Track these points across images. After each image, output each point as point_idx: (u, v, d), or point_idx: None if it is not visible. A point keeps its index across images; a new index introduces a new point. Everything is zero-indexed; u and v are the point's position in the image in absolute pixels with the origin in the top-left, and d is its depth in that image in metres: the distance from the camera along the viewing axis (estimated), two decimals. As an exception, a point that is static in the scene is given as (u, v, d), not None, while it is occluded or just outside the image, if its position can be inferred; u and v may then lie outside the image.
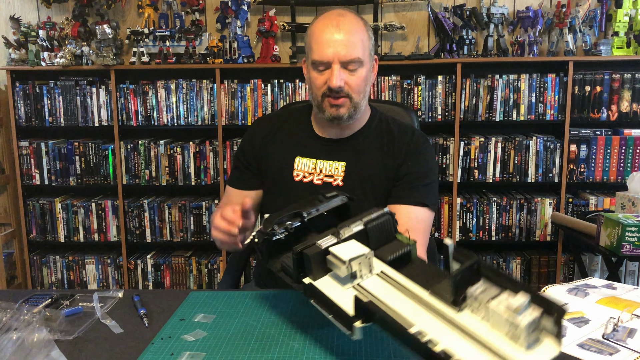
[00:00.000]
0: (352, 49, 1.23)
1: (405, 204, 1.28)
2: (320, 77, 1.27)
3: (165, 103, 2.73)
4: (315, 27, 1.29)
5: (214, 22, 2.79)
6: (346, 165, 1.33)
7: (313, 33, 1.28)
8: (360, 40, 1.25)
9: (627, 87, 2.59)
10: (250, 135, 1.45)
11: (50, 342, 0.93)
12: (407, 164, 1.32)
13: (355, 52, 1.24)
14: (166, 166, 2.76)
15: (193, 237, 2.81)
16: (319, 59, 1.25)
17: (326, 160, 1.35)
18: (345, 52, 1.23)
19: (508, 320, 0.67)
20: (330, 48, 1.23)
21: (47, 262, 2.89)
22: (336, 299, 0.84)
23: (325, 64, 1.25)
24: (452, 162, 2.66)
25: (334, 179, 1.33)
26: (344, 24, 1.24)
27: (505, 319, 0.67)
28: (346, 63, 1.24)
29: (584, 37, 2.63)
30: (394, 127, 1.39)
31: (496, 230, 2.71)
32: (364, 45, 1.26)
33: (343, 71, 1.24)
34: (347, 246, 0.89)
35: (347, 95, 1.27)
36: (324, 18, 1.28)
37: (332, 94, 1.26)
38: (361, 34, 1.27)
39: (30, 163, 2.80)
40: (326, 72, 1.25)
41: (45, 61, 2.70)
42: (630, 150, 2.62)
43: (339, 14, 1.27)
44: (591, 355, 0.90)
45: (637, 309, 1.04)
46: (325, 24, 1.26)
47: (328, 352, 0.92)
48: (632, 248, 2.01)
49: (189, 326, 1.02)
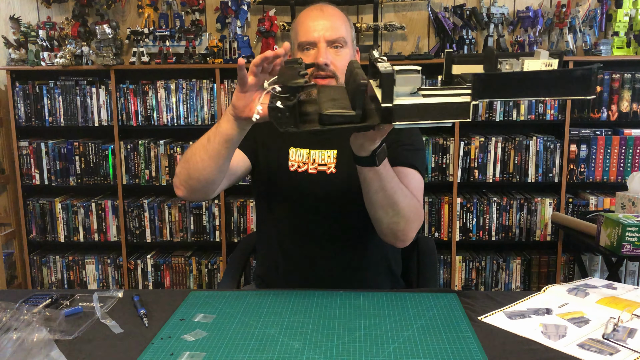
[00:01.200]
0: (337, 30, 1.32)
1: (395, 165, 1.29)
2: (306, 57, 1.32)
3: (165, 103, 2.73)
4: (299, 16, 1.38)
5: (214, 22, 2.79)
6: (337, 152, 1.36)
7: (298, 20, 1.37)
8: (343, 24, 1.35)
9: (627, 87, 2.59)
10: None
11: (50, 342, 0.93)
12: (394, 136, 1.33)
13: (339, 32, 1.32)
14: (166, 166, 2.76)
15: (193, 237, 2.81)
16: (306, 39, 1.32)
17: (318, 150, 1.37)
18: (331, 32, 1.31)
19: (543, 64, 0.92)
20: (316, 30, 1.31)
21: (47, 262, 2.89)
22: (438, 101, 0.89)
23: (312, 44, 1.31)
24: (452, 162, 2.66)
25: (327, 167, 1.35)
26: (327, 10, 1.35)
27: (541, 64, 0.92)
28: (332, 42, 1.31)
29: (584, 37, 2.63)
30: None
31: (496, 230, 2.71)
32: (347, 30, 1.35)
33: (329, 50, 1.31)
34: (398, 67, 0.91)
35: (333, 75, 1.31)
36: (308, 8, 1.37)
37: (318, 72, 1.30)
38: (343, 20, 1.36)
39: (30, 163, 2.80)
40: (312, 52, 1.32)
41: (45, 61, 2.70)
42: (630, 150, 2.62)
43: (322, 4, 1.37)
44: (591, 355, 0.90)
45: (637, 309, 1.04)
46: (310, 10, 1.36)
47: (328, 352, 0.92)
48: (632, 248, 2.01)
49: (189, 326, 1.02)
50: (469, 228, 2.71)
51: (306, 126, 0.96)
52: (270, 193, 1.40)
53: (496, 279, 2.77)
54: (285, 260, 1.40)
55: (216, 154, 1.15)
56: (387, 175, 1.13)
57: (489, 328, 1.02)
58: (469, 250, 2.84)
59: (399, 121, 0.89)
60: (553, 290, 1.17)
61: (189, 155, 1.21)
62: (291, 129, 0.96)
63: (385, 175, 1.13)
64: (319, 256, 1.36)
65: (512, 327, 1.01)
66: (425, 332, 0.99)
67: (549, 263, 2.74)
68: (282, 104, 0.94)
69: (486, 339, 0.97)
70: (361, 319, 1.05)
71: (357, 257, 1.37)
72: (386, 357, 0.90)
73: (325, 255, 1.36)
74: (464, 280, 2.77)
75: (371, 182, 1.13)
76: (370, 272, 1.40)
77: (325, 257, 1.36)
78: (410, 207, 1.19)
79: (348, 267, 1.37)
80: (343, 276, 1.37)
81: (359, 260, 1.37)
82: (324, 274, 1.35)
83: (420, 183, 1.32)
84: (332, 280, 1.31)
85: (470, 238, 2.72)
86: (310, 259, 1.36)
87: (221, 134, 1.13)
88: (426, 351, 0.92)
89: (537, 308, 1.09)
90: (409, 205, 1.18)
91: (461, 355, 0.91)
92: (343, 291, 1.19)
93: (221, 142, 1.13)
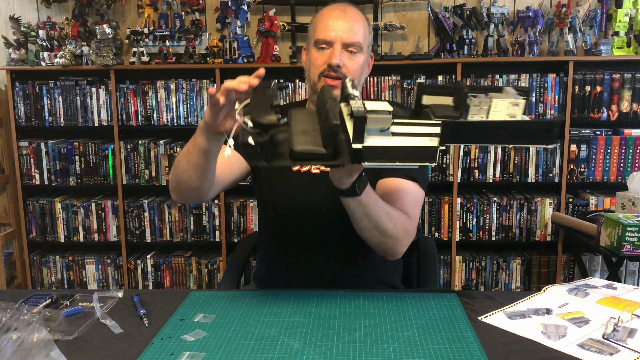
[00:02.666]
0: (355, 34, 1.31)
1: (394, 177, 1.29)
2: (321, 56, 1.32)
3: (165, 103, 2.73)
4: (321, 12, 1.36)
5: (214, 22, 2.79)
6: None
7: (319, 17, 1.36)
8: (362, 29, 1.33)
9: (627, 87, 2.59)
10: None
11: (50, 342, 0.93)
12: None
13: (357, 37, 1.31)
14: (166, 166, 2.76)
15: (193, 237, 2.81)
16: (323, 37, 1.31)
17: None
18: (348, 35, 1.30)
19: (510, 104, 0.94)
20: (335, 30, 1.30)
21: (47, 262, 2.89)
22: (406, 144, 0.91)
23: (328, 43, 1.31)
24: (452, 162, 2.66)
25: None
26: (349, 12, 1.33)
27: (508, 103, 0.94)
28: (348, 45, 1.30)
29: (584, 37, 2.63)
30: None
31: (496, 230, 2.71)
32: (365, 36, 1.34)
33: (344, 53, 1.30)
34: (369, 104, 0.92)
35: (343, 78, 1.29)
36: (330, 7, 1.36)
37: (330, 72, 1.30)
38: (363, 24, 1.35)
39: (30, 163, 2.80)
40: (327, 51, 1.31)
41: (45, 61, 2.70)
42: (630, 150, 2.62)
43: (345, 5, 1.35)
44: (591, 355, 0.90)
45: (637, 309, 1.04)
46: (332, 9, 1.34)
47: (328, 352, 0.92)
48: (632, 248, 2.01)
49: (189, 326, 1.02)
50: (469, 228, 2.71)
51: (277, 162, 0.96)
52: (273, 193, 1.40)
53: (496, 279, 2.77)
54: (287, 260, 1.40)
55: (196, 165, 1.14)
56: (370, 201, 1.13)
57: (489, 328, 1.02)
58: (469, 250, 2.84)
59: (368, 162, 0.91)
60: (553, 290, 1.17)
61: (175, 162, 1.21)
62: (262, 164, 0.96)
63: (368, 202, 1.13)
64: (322, 255, 1.36)
65: (512, 327, 1.01)
66: (425, 332, 0.99)
67: (549, 263, 2.74)
68: (253, 140, 0.93)
69: (486, 339, 0.97)
70: (361, 319, 1.05)
71: (362, 254, 1.37)
72: (386, 357, 0.90)
73: (328, 254, 1.36)
74: (464, 280, 2.77)
75: (355, 209, 1.14)
76: (374, 271, 1.40)
77: (328, 255, 1.36)
78: (398, 228, 1.19)
79: (351, 265, 1.37)
80: (346, 275, 1.37)
81: (364, 258, 1.37)
82: (326, 274, 1.35)
83: (416, 196, 1.30)
84: (334, 280, 1.31)
85: (470, 238, 2.72)
86: (313, 258, 1.36)
87: (198, 147, 1.11)
88: (426, 351, 0.92)
89: (537, 308, 1.09)
90: (396, 226, 1.19)
91: (461, 355, 0.91)
92: (343, 291, 1.19)
93: (199, 154, 1.12)
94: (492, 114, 0.95)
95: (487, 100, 0.95)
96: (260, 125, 0.92)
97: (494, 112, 0.95)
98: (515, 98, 0.95)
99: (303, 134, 0.98)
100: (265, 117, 0.92)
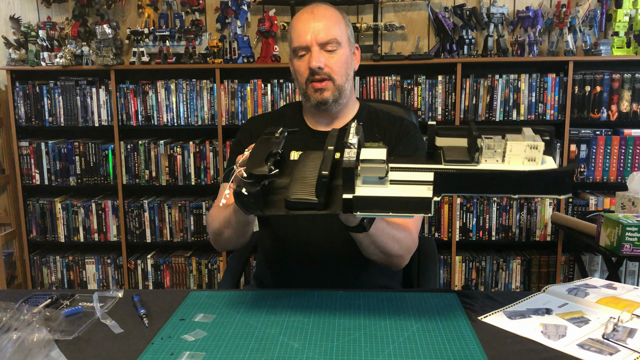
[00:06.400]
0: (328, 31, 1.30)
1: None
2: (302, 63, 1.32)
3: (165, 103, 2.73)
4: (292, 21, 1.37)
5: (214, 22, 2.79)
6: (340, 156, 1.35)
7: (291, 25, 1.36)
8: (336, 23, 1.32)
9: (627, 87, 2.59)
10: (244, 133, 1.45)
11: (50, 342, 0.93)
12: (398, 148, 1.35)
13: (331, 33, 1.30)
14: (166, 166, 2.76)
15: (193, 237, 2.81)
16: (298, 44, 1.31)
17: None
18: (321, 34, 1.29)
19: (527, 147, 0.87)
20: (308, 33, 1.29)
21: (47, 262, 2.89)
22: (399, 194, 0.86)
23: (305, 48, 1.31)
24: (452, 162, 2.65)
25: None
26: (318, 11, 1.32)
27: (525, 146, 0.87)
28: (324, 44, 1.30)
29: (584, 37, 2.63)
30: (384, 117, 1.43)
31: (496, 230, 2.71)
32: (341, 28, 1.33)
33: (322, 53, 1.30)
34: (364, 152, 0.90)
35: (329, 78, 1.31)
36: (299, 12, 1.36)
37: (314, 77, 1.30)
38: (336, 19, 1.33)
39: (30, 163, 2.80)
40: (306, 57, 1.31)
41: (45, 61, 2.70)
42: (630, 150, 2.62)
43: (313, 6, 1.35)
44: (591, 355, 0.90)
45: (637, 309, 1.04)
46: (301, 14, 1.34)
47: (328, 352, 0.92)
48: (632, 248, 2.01)
49: (189, 326, 1.02)
50: (469, 228, 2.71)
51: (272, 211, 0.95)
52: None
53: (496, 279, 2.77)
54: (286, 260, 1.40)
55: (239, 233, 1.23)
56: (377, 232, 1.15)
57: (489, 328, 1.02)
58: (469, 250, 2.84)
59: (359, 212, 0.88)
60: (553, 290, 1.17)
61: (209, 220, 1.29)
62: (257, 213, 0.97)
63: (375, 232, 1.14)
64: (321, 256, 1.36)
65: (512, 327, 1.01)
66: (425, 332, 0.99)
67: (549, 263, 2.74)
68: (246, 190, 0.93)
69: (486, 339, 0.97)
70: (361, 319, 1.05)
71: (362, 261, 1.36)
72: (386, 357, 0.90)
73: (327, 255, 1.36)
74: (464, 280, 2.77)
75: (362, 240, 1.17)
76: (373, 269, 1.39)
77: (327, 257, 1.36)
78: (403, 248, 1.23)
79: (350, 265, 1.37)
80: (344, 275, 1.36)
81: (364, 264, 1.37)
82: (325, 274, 1.35)
83: None
84: (334, 280, 1.31)
85: (470, 238, 2.72)
86: (312, 259, 1.36)
87: (239, 222, 1.19)
88: (426, 351, 0.92)
89: (537, 308, 1.09)
90: (401, 247, 1.22)
91: (461, 355, 0.91)
92: (343, 291, 1.19)
93: (238, 224, 1.20)
94: (508, 157, 0.88)
95: (502, 143, 0.88)
96: (252, 176, 0.93)
97: (510, 155, 0.88)
98: (533, 140, 0.87)
99: (302, 181, 0.97)
100: (257, 169, 0.93)
